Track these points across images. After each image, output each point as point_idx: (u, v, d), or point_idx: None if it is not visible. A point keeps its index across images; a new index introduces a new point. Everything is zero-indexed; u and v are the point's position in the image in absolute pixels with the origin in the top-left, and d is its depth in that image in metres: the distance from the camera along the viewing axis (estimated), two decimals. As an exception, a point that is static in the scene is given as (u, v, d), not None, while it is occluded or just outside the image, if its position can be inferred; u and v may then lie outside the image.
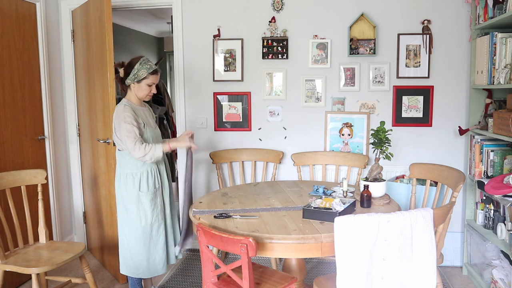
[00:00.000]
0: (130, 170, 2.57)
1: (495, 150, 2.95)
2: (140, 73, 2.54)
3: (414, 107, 3.42)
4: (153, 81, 2.60)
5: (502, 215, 2.87)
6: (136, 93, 2.61)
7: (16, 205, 2.94)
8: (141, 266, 2.62)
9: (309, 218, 2.19)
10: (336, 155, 3.41)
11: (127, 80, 2.58)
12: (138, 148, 2.45)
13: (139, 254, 2.61)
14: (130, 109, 2.54)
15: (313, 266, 3.47)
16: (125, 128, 2.47)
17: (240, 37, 3.54)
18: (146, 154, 2.47)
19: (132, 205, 2.57)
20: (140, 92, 2.60)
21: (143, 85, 2.58)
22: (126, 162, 2.58)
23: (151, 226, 2.60)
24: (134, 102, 2.64)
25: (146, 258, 2.61)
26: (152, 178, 2.60)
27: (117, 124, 2.53)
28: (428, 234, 1.89)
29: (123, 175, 2.59)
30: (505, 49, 2.69)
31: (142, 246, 2.60)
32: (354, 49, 3.36)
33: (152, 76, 2.57)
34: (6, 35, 3.14)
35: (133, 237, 2.60)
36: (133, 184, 2.56)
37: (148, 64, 2.57)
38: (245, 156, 3.57)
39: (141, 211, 2.57)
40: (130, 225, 2.59)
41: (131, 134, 2.46)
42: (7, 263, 2.48)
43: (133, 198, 2.57)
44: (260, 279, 2.19)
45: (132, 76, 2.56)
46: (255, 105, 3.60)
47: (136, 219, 2.58)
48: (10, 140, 3.18)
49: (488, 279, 2.90)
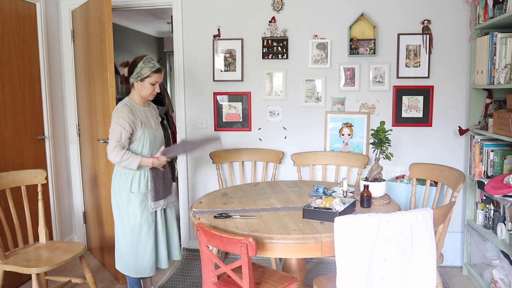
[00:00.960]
0: (124, 169, 2.58)
1: (495, 150, 2.95)
2: (143, 72, 2.54)
3: (414, 107, 3.42)
4: (156, 79, 2.59)
5: (502, 215, 2.87)
6: (140, 92, 2.61)
7: (16, 205, 2.94)
8: (129, 264, 2.64)
9: (309, 218, 2.19)
10: (336, 155, 3.41)
11: (131, 79, 2.58)
12: (116, 153, 2.46)
13: (128, 252, 2.62)
14: (129, 109, 2.53)
15: (313, 266, 3.47)
16: (114, 128, 2.48)
17: (240, 37, 3.54)
18: (121, 161, 2.48)
19: (123, 203, 2.59)
20: (143, 91, 2.60)
21: (146, 83, 2.57)
22: None
23: (139, 228, 2.60)
24: (137, 101, 2.64)
25: (134, 258, 2.62)
26: (144, 181, 2.60)
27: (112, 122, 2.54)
28: (428, 234, 1.89)
29: (118, 173, 2.61)
30: (505, 49, 2.69)
31: (130, 245, 2.61)
32: (354, 49, 3.36)
33: (155, 75, 2.57)
34: (6, 35, 3.14)
35: (122, 234, 2.62)
36: (125, 183, 2.58)
37: (151, 63, 2.57)
38: (245, 156, 3.57)
39: (130, 211, 2.58)
40: (122, 222, 2.62)
41: (116, 136, 2.47)
42: (7, 263, 2.48)
43: (124, 197, 2.58)
44: (260, 279, 2.19)
45: (135, 74, 2.56)
46: (255, 105, 3.60)
47: (126, 217, 2.59)
48: (10, 140, 3.18)
49: (488, 279, 2.90)
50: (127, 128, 2.49)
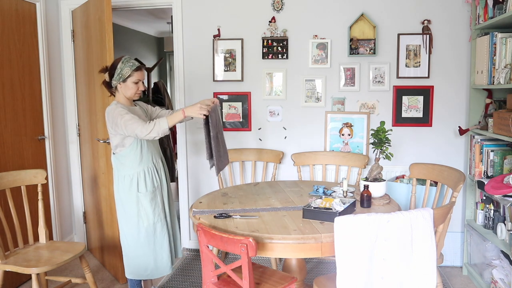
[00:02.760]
0: (126, 172, 2.53)
1: (495, 150, 2.95)
2: (124, 72, 2.49)
3: (414, 107, 3.42)
4: (139, 77, 2.53)
5: (502, 215, 2.87)
6: (124, 94, 2.55)
7: (16, 205, 2.94)
8: (149, 266, 2.60)
9: (309, 218, 2.19)
10: (336, 155, 3.41)
11: (113, 82, 2.52)
12: (146, 127, 2.37)
13: (145, 255, 2.58)
14: (122, 106, 2.48)
15: (313, 266, 3.47)
16: (123, 120, 2.40)
17: (240, 37, 3.54)
18: (153, 129, 2.37)
19: (132, 207, 2.54)
20: (127, 91, 2.54)
21: (129, 83, 2.52)
22: (122, 165, 2.54)
23: (154, 226, 2.57)
24: (123, 103, 2.57)
25: (153, 258, 2.59)
26: (150, 178, 2.57)
27: (111, 123, 2.47)
28: (428, 234, 1.89)
29: (121, 178, 2.56)
30: (505, 49, 2.69)
31: (147, 247, 2.57)
32: (354, 49, 3.36)
33: (136, 73, 2.52)
34: (6, 35, 3.14)
35: (134, 240, 2.58)
36: (130, 185, 2.53)
37: (130, 62, 2.52)
38: (245, 156, 3.57)
39: (142, 212, 2.54)
40: (131, 228, 2.56)
41: (132, 120, 2.39)
42: (7, 263, 2.48)
43: (132, 200, 2.54)
44: (260, 279, 2.19)
45: (116, 76, 2.50)
46: (255, 105, 3.60)
47: (137, 221, 2.55)
48: (10, 140, 3.18)
49: (488, 279, 2.90)
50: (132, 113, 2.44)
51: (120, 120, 2.41)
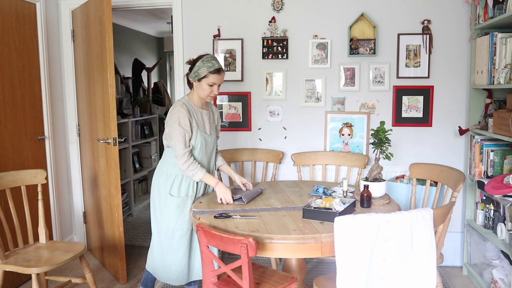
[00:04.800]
0: (167, 168, 2.51)
1: (495, 150, 2.95)
2: (201, 71, 2.40)
3: (414, 107, 3.42)
4: (214, 81, 2.42)
5: (502, 215, 2.87)
6: (198, 93, 2.48)
7: (16, 205, 2.94)
8: (157, 266, 2.60)
9: (309, 218, 2.19)
10: (336, 155, 3.41)
11: (189, 77, 2.47)
12: (185, 160, 2.39)
13: (157, 254, 2.59)
14: (187, 109, 2.43)
15: (313, 266, 3.47)
16: (176, 130, 2.38)
17: (240, 37, 3.54)
18: (187, 170, 2.40)
19: (160, 204, 2.52)
20: (201, 91, 2.46)
21: (204, 84, 2.42)
22: (166, 160, 2.53)
23: (172, 232, 2.50)
24: (195, 102, 2.52)
25: (160, 260, 2.58)
26: (186, 184, 2.51)
27: (170, 121, 2.42)
28: (428, 234, 1.89)
29: (160, 172, 2.54)
30: (505, 49, 2.69)
31: (160, 248, 2.56)
32: (354, 49, 3.36)
33: (213, 76, 2.40)
34: (6, 35, 3.14)
35: (155, 235, 2.59)
36: (165, 183, 2.50)
37: (210, 62, 2.41)
38: (245, 156, 3.57)
39: (165, 214, 2.50)
40: (157, 221, 2.57)
41: (181, 139, 2.38)
42: (7, 263, 2.48)
43: (162, 198, 2.52)
44: (260, 279, 2.19)
45: (193, 73, 2.44)
46: (255, 105, 3.60)
47: (160, 219, 2.54)
48: (10, 140, 3.18)
49: (488, 279, 2.90)
50: (188, 130, 2.40)
51: (177, 129, 2.38)
